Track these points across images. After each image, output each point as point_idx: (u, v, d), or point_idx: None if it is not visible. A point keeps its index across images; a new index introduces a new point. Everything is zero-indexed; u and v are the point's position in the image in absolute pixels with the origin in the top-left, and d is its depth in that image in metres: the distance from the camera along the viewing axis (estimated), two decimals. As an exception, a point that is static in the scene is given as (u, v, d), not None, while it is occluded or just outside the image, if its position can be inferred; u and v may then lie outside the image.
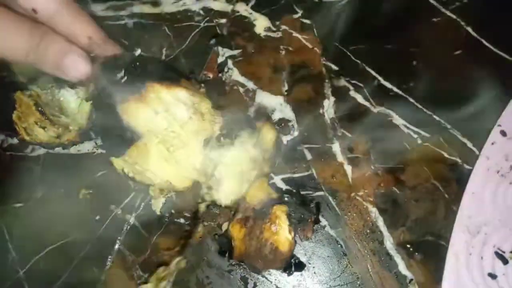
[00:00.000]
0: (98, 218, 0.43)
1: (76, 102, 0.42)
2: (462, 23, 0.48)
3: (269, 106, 0.46)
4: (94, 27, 0.34)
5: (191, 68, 0.48)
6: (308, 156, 0.44)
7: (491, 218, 0.40)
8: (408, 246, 0.41)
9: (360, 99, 0.46)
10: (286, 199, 0.42)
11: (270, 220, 0.37)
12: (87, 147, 0.45)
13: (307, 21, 0.49)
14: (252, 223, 0.38)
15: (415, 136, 0.44)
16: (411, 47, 0.47)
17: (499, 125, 0.43)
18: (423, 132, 0.44)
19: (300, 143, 0.45)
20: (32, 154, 0.45)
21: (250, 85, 0.47)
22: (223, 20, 0.50)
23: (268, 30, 0.49)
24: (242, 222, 0.38)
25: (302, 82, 0.47)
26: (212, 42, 0.49)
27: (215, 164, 0.37)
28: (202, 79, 0.47)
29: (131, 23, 0.50)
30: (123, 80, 0.34)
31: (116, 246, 0.42)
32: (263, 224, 0.37)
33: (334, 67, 0.47)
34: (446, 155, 0.43)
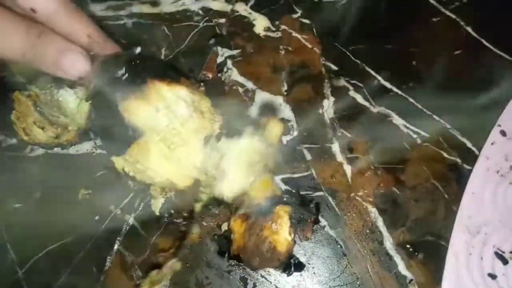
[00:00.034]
0: (97, 218, 0.43)
1: (75, 102, 0.42)
2: (462, 23, 0.48)
3: (269, 106, 0.46)
4: (93, 26, 0.34)
5: (191, 68, 0.48)
6: (308, 156, 0.44)
7: (491, 218, 0.40)
8: (408, 246, 0.41)
9: (359, 99, 0.46)
10: (285, 199, 0.42)
11: (272, 219, 0.37)
12: (86, 147, 0.45)
13: (306, 21, 0.49)
14: (253, 220, 0.38)
15: (415, 136, 0.44)
16: (411, 47, 0.47)
17: (499, 125, 0.43)
18: (422, 132, 0.44)
19: (299, 143, 0.45)
20: (31, 154, 0.45)
21: (250, 85, 0.47)
22: (222, 20, 0.50)
23: (268, 30, 0.49)
24: (244, 217, 0.38)
25: (301, 82, 0.47)
26: (211, 42, 0.49)
27: (221, 154, 0.37)
28: (201, 79, 0.47)
29: (130, 23, 0.50)
30: (124, 77, 0.34)
31: (115, 247, 0.42)
32: (265, 221, 0.37)
33: (334, 67, 0.47)
34: (446, 155, 0.43)
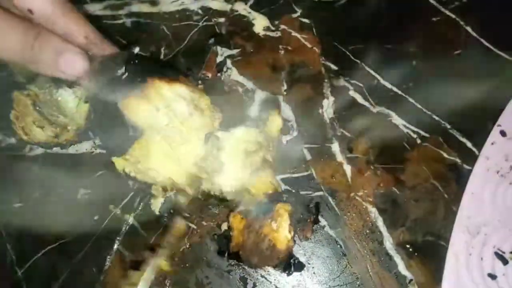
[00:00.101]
0: (97, 218, 0.43)
1: (74, 101, 0.42)
2: (462, 22, 0.48)
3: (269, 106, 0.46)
4: (90, 27, 0.33)
5: (190, 67, 0.47)
6: (308, 156, 0.44)
7: (491, 219, 0.40)
8: (407, 246, 0.41)
9: (359, 99, 0.46)
10: (285, 199, 0.42)
11: (272, 217, 0.37)
12: (85, 146, 0.45)
13: (306, 20, 0.49)
14: (253, 217, 0.38)
15: (415, 136, 0.44)
16: (411, 47, 0.47)
17: (499, 125, 0.43)
18: (422, 132, 0.44)
19: (299, 143, 0.45)
20: (30, 154, 0.45)
21: (249, 84, 0.47)
22: (222, 19, 0.49)
23: (267, 29, 0.49)
24: (244, 214, 0.38)
25: (301, 82, 0.47)
26: (211, 42, 0.49)
27: (219, 147, 0.37)
28: (200, 78, 0.47)
29: (129, 22, 0.50)
30: (123, 76, 0.34)
31: (115, 246, 0.42)
32: (264, 219, 0.37)
33: (334, 67, 0.47)
34: (445, 155, 0.43)
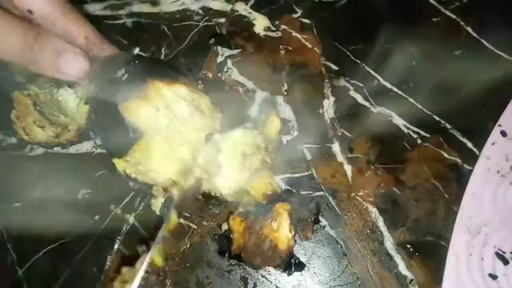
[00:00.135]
0: (97, 217, 0.43)
1: (75, 101, 0.42)
2: (462, 23, 0.48)
3: (269, 106, 0.46)
4: (90, 27, 0.33)
5: (190, 68, 0.48)
6: (308, 156, 0.44)
7: (491, 219, 0.40)
8: (408, 246, 0.41)
9: (360, 99, 0.46)
10: (285, 199, 0.42)
11: (272, 217, 0.37)
12: (86, 146, 0.45)
13: (306, 20, 0.49)
14: (253, 218, 0.38)
15: (415, 136, 0.44)
16: (411, 47, 0.47)
17: (500, 125, 0.43)
18: (423, 132, 0.44)
19: (300, 143, 0.45)
20: (31, 153, 0.45)
21: (250, 84, 0.47)
22: (222, 20, 0.49)
23: (268, 29, 0.49)
24: (243, 216, 0.38)
25: (301, 82, 0.47)
26: (211, 42, 0.49)
27: (218, 148, 0.37)
28: (201, 79, 0.47)
29: (129, 22, 0.50)
30: (123, 77, 0.34)
31: (115, 246, 0.42)
32: (264, 220, 0.37)
33: (334, 67, 0.47)
34: (446, 155, 0.43)
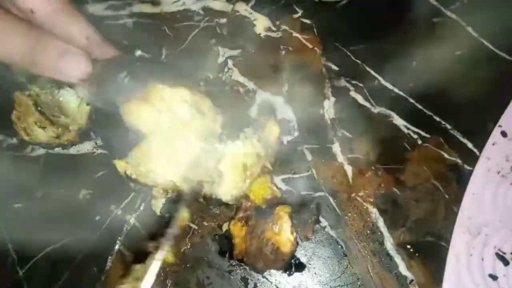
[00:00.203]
0: (98, 218, 0.43)
1: (76, 102, 0.42)
2: (463, 23, 0.48)
3: (269, 106, 0.46)
4: (91, 28, 0.33)
5: (191, 68, 0.48)
6: (309, 156, 0.44)
7: (492, 219, 0.40)
8: (408, 246, 0.41)
9: (360, 99, 0.46)
10: (285, 199, 0.42)
11: (273, 220, 0.37)
12: (87, 147, 0.45)
13: (307, 21, 0.49)
14: (254, 222, 0.38)
15: (415, 136, 0.44)
16: (411, 47, 0.47)
17: (500, 125, 0.43)
18: (423, 133, 0.44)
19: (300, 144, 0.45)
20: (32, 154, 0.45)
21: (250, 85, 0.47)
22: (223, 20, 0.49)
23: (268, 30, 0.49)
24: (244, 220, 0.38)
25: (302, 82, 0.47)
26: (212, 42, 0.49)
27: (218, 157, 0.37)
28: (201, 79, 0.47)
29: (130, 22, 0.50)
30: (125, 80, 0.34)
31: (116, 247, 0.42)
32: (265, 224, 0.37)
33: (334, 67, 0.47)
34: (446, 155, 0.43)
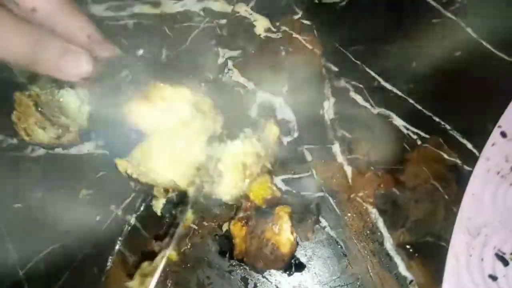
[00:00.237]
0: (98, 218, 0.43)
1: (76, 102, 0.42)
2: (462, 24, 0.48)
3: (269, 107, 0.46)
4: (93, 26, 0.33)
5: (191, 69, 0.48)
6: (308, 157, 0.44)
7: (491, 220, 0.40)
8: (408, 247, 0.41)
9: (360, 100, 0.46)
10: (285, 199, 0.42)
11: (273, 220, 0.37)
12: (87, 147, 0.45)
13: (307, 22, 0.49)
14: (254, 223, 0.38)
15: (415, 137, 0.44)
16: (411, 48, 0.47)
17: (499, 126, 0.43)
18: (422, 133, 0.44)
19: (300, 144, 0.45)
20: (32, 154, 0.45)
21: (250, 85, 0.47)
22: (223, 21, 0.50)
23: (268, 31, 0.49)
24: (244, 220, 0.38)
25: (302, 83, 0.47)
26: (212, 43, 0.49)
27: (218, 157, 0.37)
28: (202, 80, 0.47)
29: (131, 23, 0.50)
30: (127, 78, 0.34)
31: (116, 247, 0.42)
32: (265, 224, 0.37)
33: (334, 68, 0.47)
34: (446, 156, 0.43)
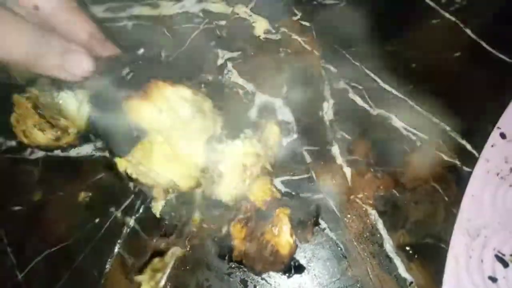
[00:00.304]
0: (97, 221, 0.43)
1: (75, 104, 0.42)
2: (461, 25, 0.48)
3: (269, 108, 0.46)
4: (93, 25, 0.34)
5: (191, 70, 0.48)
6: (308, 158, 0.44)
7: (491, 221, 0.40)
8: (407, 248, 0.41)
9: (359, 101, 0.46)
10: (285, 201, 0.42)
11: (272, 222, 0.37)
12: (86, 150, 0.45)
13: (306, 23, 0.49)
14: (253, 224, 0.38)
15: (414, 138, 0.44)
16: (411, 49, 0.47)
17: (499, 127, 0.43)
18: (422, 135, 0.44)
19: (299, 146, 0.45)
20: (31, 156, 0.45)
21: (250, 87, 0.47)
22: (223, 22, 0.50)
23: (268, 32, 0.49)
24: (244, 222, 0.38)
25: (301, 84, 0.47)
26: (212, 44, 0.49)
27: (218, 158, 0.37)
28: (201, 81, 0.47)
29: (130, 25, 0.50)
30: (128, 76, 0.34)
31: (115, 249, 0.42)
32: (265, 225, 0.37)
33: (333, 69, 0.47)
34: (445, 157, 0.43)
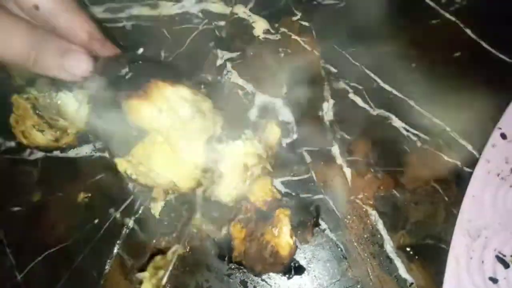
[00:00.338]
0: (96, 221, 0.43)
1: (74, 105, 0.42)
2: (461, 25, 0.48)
3: (268, 108, 0.46)
4: (93, 24, 0.34)
5: (190, 71, 0.47)
6: (308, 158, 0.44)
7: (491, 222, 0.40)
8: (408, 249, 0.41)
9: (359, 101, 0.46)
10: (285, 202, 0.42)
11: (272, 223, 0.37)
12: (85, 150, 0.45)
13: (306, 23, 0.49)
14: (253, 225, 0.38)
15: (415, 138, 0.44)
16: (410, 49, 0.47)
17: (499, 127, 0.43)
18: (422, 135, 0.44)
19: (299, 146, 0.45)
20: (30, 157, 0.45)
21: (249, 87, 0.47)
22: (222, 23, 0.49)
23: (267, 32, 0.49)
24: (244, 222, 0.38)
25: (301, 85, 0.47)
26: (211, 45, 0.49)
27: (218, 158, 0.37)
28: (200, 82, 0.47)
29: (129, 25, 0.50)
30: (127, 76, 0.34)
31: (115, 250, 0.42)
32: (265, 226, 0.37)
33: (333, 70, 0.47)
34: (445, 158, 0.43)
